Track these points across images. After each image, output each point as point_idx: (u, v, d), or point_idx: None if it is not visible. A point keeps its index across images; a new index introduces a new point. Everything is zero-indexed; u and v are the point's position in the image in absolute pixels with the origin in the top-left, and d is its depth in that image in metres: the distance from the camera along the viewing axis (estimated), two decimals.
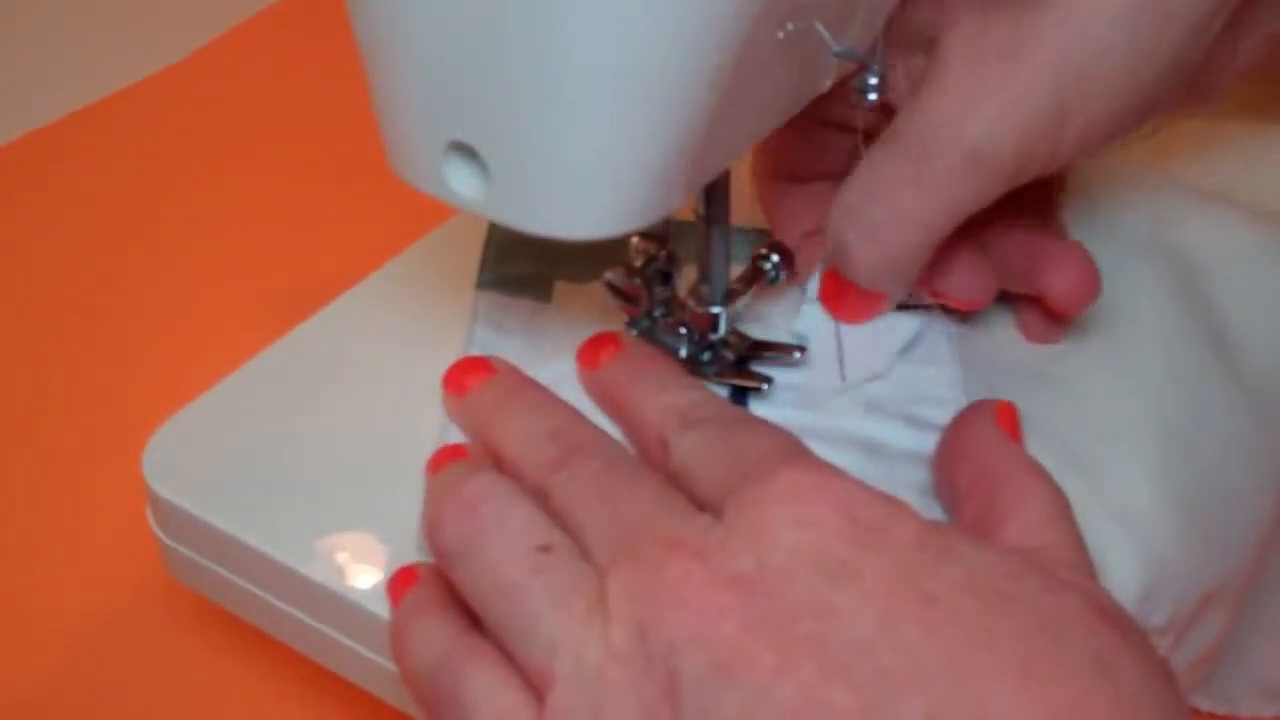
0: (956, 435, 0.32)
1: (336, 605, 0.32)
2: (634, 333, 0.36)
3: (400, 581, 0.30)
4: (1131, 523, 0.33)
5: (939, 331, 0.37)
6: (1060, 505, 0.29)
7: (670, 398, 0.31)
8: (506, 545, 0.27)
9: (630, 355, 0.34)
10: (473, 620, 0.28)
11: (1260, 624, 0.39)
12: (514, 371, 0.34)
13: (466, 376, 0.34)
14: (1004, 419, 0.32)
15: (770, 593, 0.25)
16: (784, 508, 0.26)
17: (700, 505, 0.28)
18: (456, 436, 0.34)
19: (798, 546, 0.25)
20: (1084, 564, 0.28)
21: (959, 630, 0.24)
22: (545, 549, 0.27)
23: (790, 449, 0.29)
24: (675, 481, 0.29)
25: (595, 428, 0.31)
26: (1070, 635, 0.24)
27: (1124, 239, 0.40)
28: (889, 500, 0.26)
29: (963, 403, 0.35)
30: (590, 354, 0.34)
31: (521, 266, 0.39)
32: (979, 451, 0.31)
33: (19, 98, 0.69)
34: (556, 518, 0.29)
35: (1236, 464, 0.36)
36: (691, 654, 0.24)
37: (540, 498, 0.29)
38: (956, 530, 0.27)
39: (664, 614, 0.25)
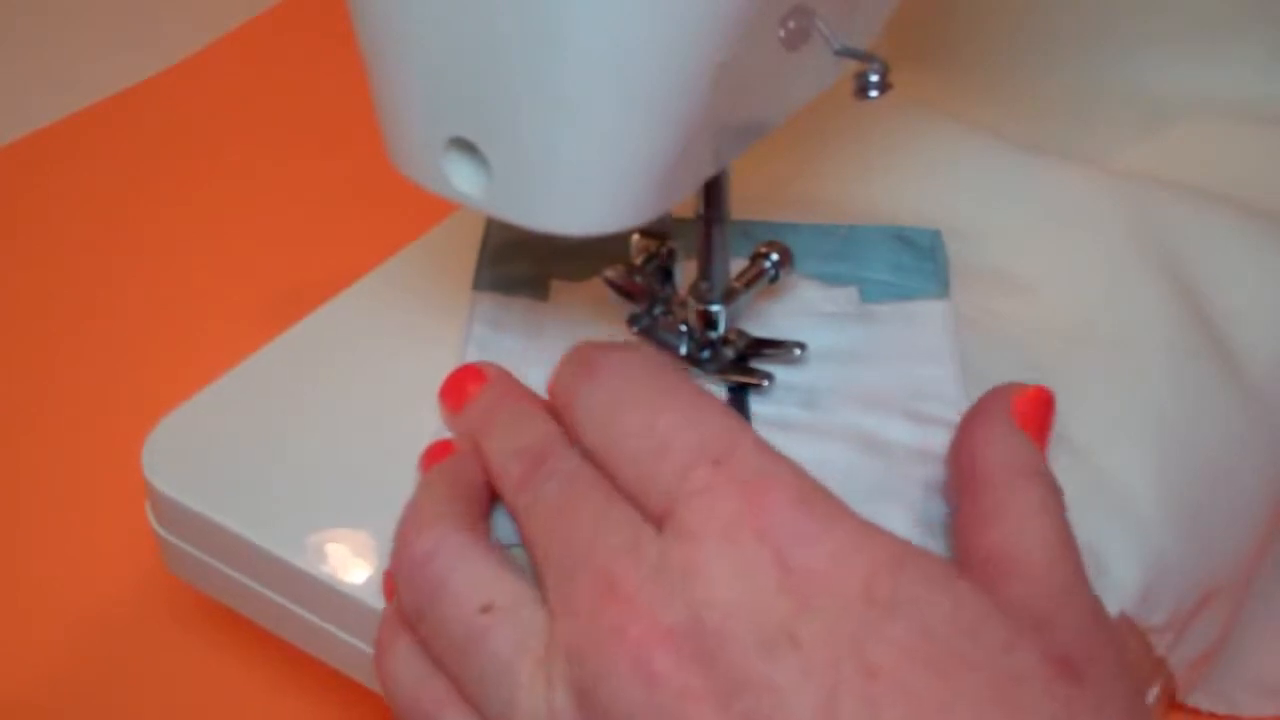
0: (965, 425, 0.31)
1: (335, 600, 0.32)
2: (634, 330, 0.36)
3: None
4: (1131, 522, 0.33)
5: (939, 330, 0.37)
6: (1045, 511, 0.27)
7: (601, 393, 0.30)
8: (452, 608, 0.27)
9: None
10: None
11: (1260, 623, 0.39)
12: (503, 379, 0.33)
13: (463, 387, 0.33)
14: (1024, 404, 0.30)
15: (706, 658, 0.24)
16: (718, 548, 0.24)
17: (648, 509, 0.27)
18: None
19: (732, 603, 0.24)
20: (1061, 576, 0.26)
21: (905, 708, 0.23)
22: (487, 609, 0.27)
23: (720, 449, 0.26)
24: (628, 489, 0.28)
25: (559, 439, 0.30)
26: (1027, 700, 0.23)
27: (1123, 240, 0.40)
28: (833, 531, 0.25)
29: (963, 403, 0.35)
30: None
31: (518, 267, 0.40)
32: (976, 446, 0.30)
33: (19, 98, 0.69)
34: (525, 545, 0.28)
35: (1235, 463, 0.36)
36: None
37: (516, 519, 0.29)
38: (915, 562, 0.25)
39: (600, 678, 0.24)
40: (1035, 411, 0.30)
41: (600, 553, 0.26)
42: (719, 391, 0.35)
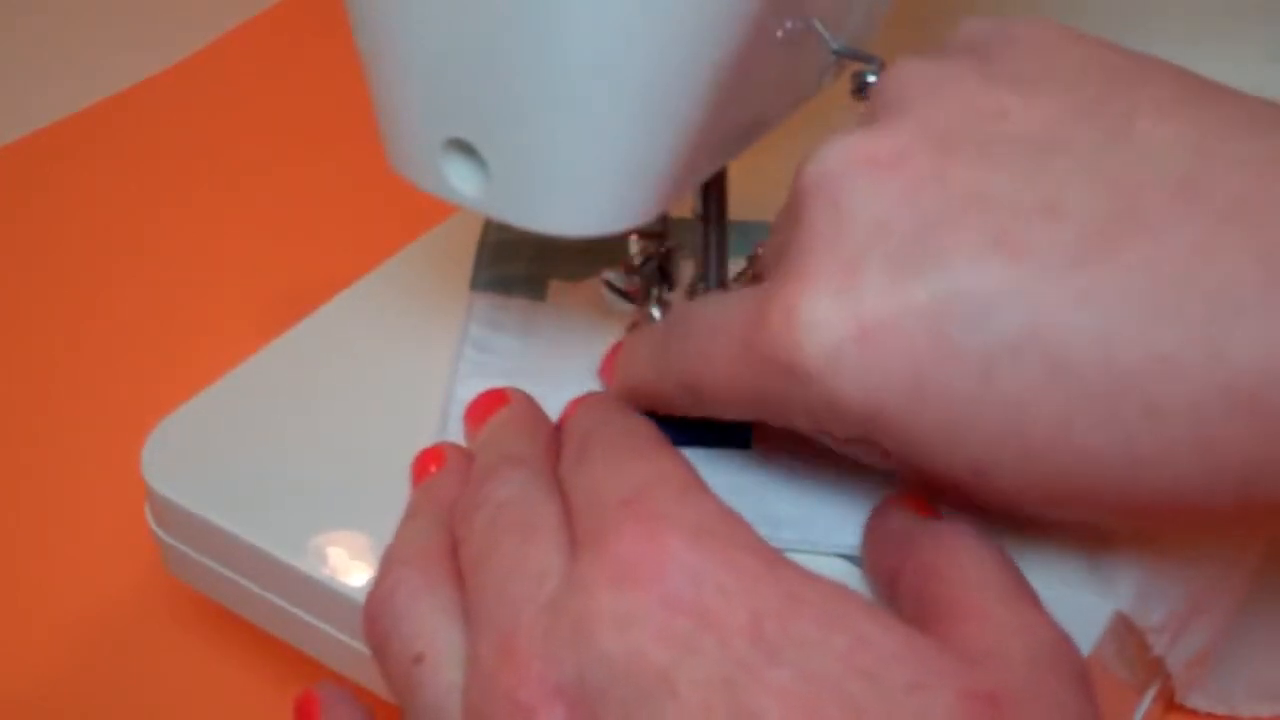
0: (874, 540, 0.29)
1: (333, 601, 0.32)
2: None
3: None
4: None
5: None
6: (990, 558, 0.26)
7: (576, 429, 0.30)
8: (394, 652, 0.27)
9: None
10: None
11: (1259, 624, 0.38)
12: (524, 402, 0.33)
13: (488, 410, 0.33)
14: (911, 503, 0.29)
15: (591, 716, 0.23)
16: (607, 598, 0.24)
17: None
18: (455, 434, 0.34)
19: (615, 656, 0.23)
20: (1012, 614, 0.25)
21: None
22: (418, 659, 0.27)
23: (633, 493, 0.26)
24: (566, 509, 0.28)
25: (523, 460, 0.30)
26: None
27: None
28: (727, 570, 0.24)
29: None
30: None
31: (515, 267, 0.40)
32: (897, 538, 0.28)
33: (19, 98, 0.69)
34: (460, 560, 0.28)
35: None
36: None
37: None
38: (816, 600, 0.24)
39: None
40: (920, 505, 0.29)
41: (506, 606, 0.25)
42: None
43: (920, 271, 0.25)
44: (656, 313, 0.36)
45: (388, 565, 0.29)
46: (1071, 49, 0.27)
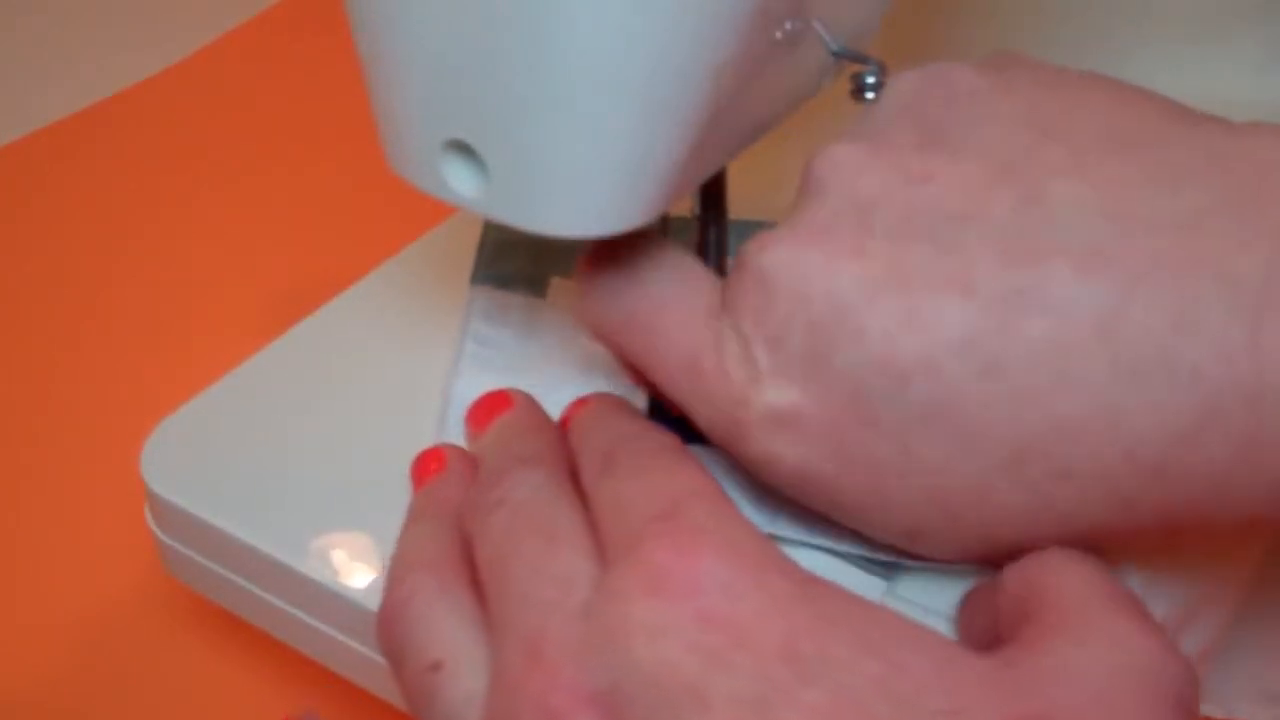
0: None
1: (334, 602, 0.32)
2: None
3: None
4: None
5: None
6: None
7: (596, 439, 0.30)
8: (410, 660, 0.27)
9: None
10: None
11: (1259, 627, 0.38)
12: (529, 405, 0.33)
13: (490, 412, 0.33)
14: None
15: None
16: (641, 607, 0.24)
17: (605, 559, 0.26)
18: (455, 435, 0.34)
19: (648, 665, 0.23)
20: (1104, 625, 0.24)
21: None
22: (437, 667, 0.27)
23: (669, 507, 0.26)
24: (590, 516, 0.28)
25: (524, 463, 0.29)
26: None
27: None
28: (762, 587, 0.24)
29: None
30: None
31: (516, 265, 0.40)
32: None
33: (19, 98, 0.69)
34: (478, 566, 0.28)
35: None
36: None
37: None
38: (852, 621, 0.23)
39: None
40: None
41: (532, 611, 0.25)
42: None
43: (839, 347, 0.26)
44: None
45: (400, 571, 0.29)
46: (1002, 102, 0.27)
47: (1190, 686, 0.23)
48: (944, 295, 0.25)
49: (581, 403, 0.33)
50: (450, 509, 0.30)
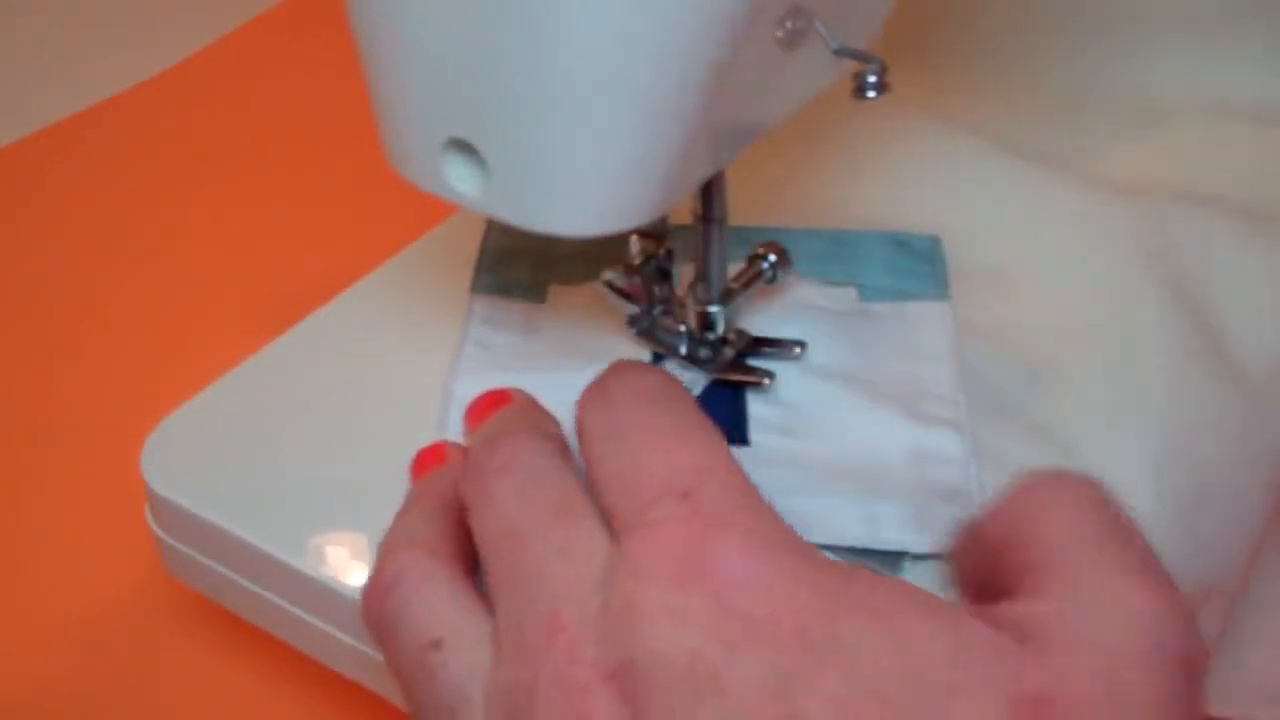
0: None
1: (333, 601, 0.32)
2: (633, 332, 0.36)
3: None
4: None
5: (939, 330, 0.37)
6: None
7: (606, 398, 0.29)
8: (405, 639, 0.27)
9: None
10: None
11: (1256, 628, 0.39)
12: (526, 401, 0.33)
13: (488, 408, 0.33)
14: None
15: (640, 703, 0.23)
16: (659, 591, 0.24)
17: (615, 531, 0.26)
18: (454, 436, 0.34)
19: (667, 648, 0.23)
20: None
21: None
22: (436, 645, 0.26)
23: (685, 484, 0.25)
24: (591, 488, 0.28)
25: (530, 432, 0.29)
26: None
27: (1121, 240, 0.40)
28: (779, 572, 0.24)
29: (961, 400, 0.35)
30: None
31: (516, 272, 0.40)
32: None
33: (19, 99, 0.69)
34: (478, 552, 0.28)
35: (1232, 463, 0.36)
36: None
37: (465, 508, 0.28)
38: (864, 602, 0.23)
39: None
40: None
41: (547, 586, 0.25)
42: (720, 391, 0.35)
43: None
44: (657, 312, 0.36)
45: (390, 550, 0.28)
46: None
47: (1193, 638, 0.22)
48: None
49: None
50: (444, 497, 0.30)
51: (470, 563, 0.29)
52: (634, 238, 0.36)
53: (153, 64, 0.71)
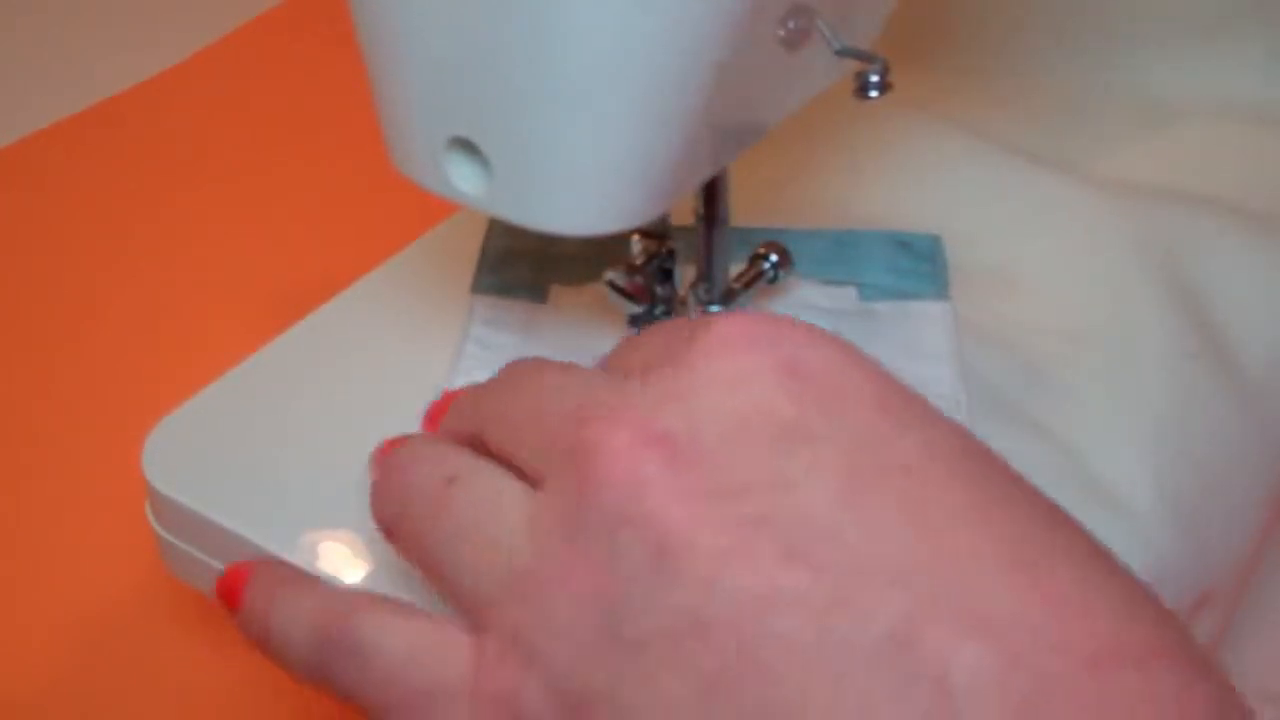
0: None
1: None
2: (635, 332, 0.37)
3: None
4: (1127, 522, 0.33)
5: (939, 330, 0.37)
6: None
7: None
8: (417, 487, 0.26)
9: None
10: None
11: (1256, 628, 0.39)
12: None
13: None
14: None
15: (707, 463, 0.21)
16: (715, 361, 0.22)
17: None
18: None
19: (735, 407, 0.22)
20: None
21: (937, 506, 0.20)
22: (452, 480, 0.25)
23: (734, 316, 0.24)
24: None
25: (541, 362, 0.28)
26: (1060, 516, 0.21)
27: (1121, 241, 0.40)
28: (843, 346, 0.23)
29: (962, 400, 0.35)
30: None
31: (517, 273, 0.40)
32: None
33: (19, 99, 0.69)
34: (492, 445, 0.26)
35: (1232, 464, 0.36)
36: (624, 540, 0.21)
37: (479, 443, 0.27)
38: (913, 390, 0.23)
39: (589, 500, 0.22)
40: None
41: (581, 401, 0.23)
42: None
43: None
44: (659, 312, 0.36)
45: (391, 458, 0.28)
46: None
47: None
48: None
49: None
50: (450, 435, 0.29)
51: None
52: (635, 237, 0.36)
53: (153, 64, 0.71)
